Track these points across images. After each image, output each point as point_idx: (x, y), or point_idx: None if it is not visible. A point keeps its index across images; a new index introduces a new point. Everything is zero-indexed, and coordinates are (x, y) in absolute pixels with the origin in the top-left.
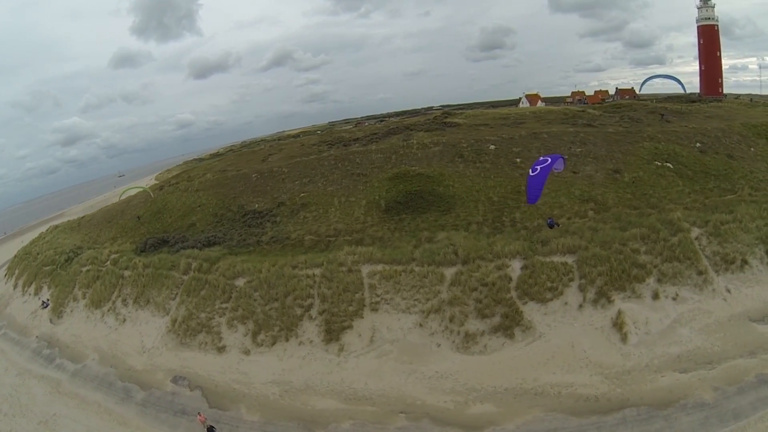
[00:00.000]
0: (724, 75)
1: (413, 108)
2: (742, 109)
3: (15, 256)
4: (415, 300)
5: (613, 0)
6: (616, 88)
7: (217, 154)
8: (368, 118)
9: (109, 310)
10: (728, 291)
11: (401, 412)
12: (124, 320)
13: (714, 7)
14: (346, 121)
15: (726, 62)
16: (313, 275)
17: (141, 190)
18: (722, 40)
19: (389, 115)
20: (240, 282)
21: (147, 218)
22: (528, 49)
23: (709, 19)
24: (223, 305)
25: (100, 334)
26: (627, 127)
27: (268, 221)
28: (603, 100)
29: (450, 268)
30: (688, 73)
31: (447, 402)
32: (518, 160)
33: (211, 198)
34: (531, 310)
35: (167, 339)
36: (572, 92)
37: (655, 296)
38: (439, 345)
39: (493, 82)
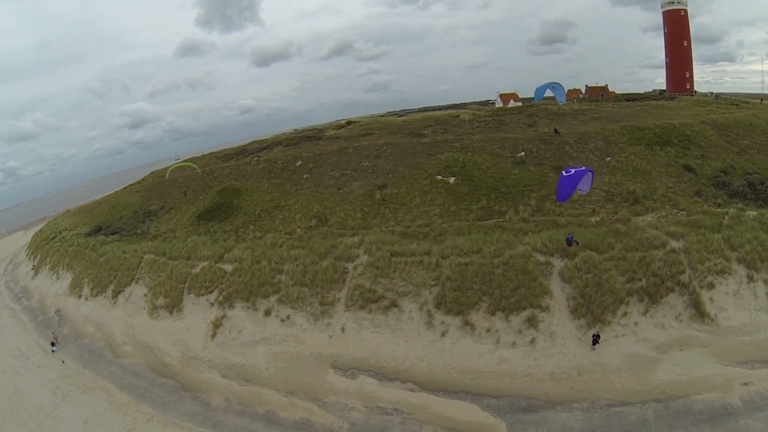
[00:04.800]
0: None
1: (472, 101)
2: (680, 108)
3: (35, 234)
4: (150, 278)
5: None
6: (586, 86)
7: (261, 141)
8: (424, 109)
9: (54, 272)
10: (342, 330)
11: (126, 339)
12: (58, 278)
13: None
14: (402, 112)
15: None
16: (125, 257)
17: (188, 165)
18: None
19: (447, 107)
20: (102, 258)
21: (120, 208)
22: (590, 43)
23: (675, 3)
24: (90, 271)
25: (44, 285)
26: (452, 136)
27: (150, 219)
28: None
29: (174, 262)
30: (761, 72)
31: (121, 340)
32: (306, 176)
33: (139, 199)
34: (189, 300)
35: (67, 289)
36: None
37: (267, 313)
38: (144, 309)
39: (555, 77)
